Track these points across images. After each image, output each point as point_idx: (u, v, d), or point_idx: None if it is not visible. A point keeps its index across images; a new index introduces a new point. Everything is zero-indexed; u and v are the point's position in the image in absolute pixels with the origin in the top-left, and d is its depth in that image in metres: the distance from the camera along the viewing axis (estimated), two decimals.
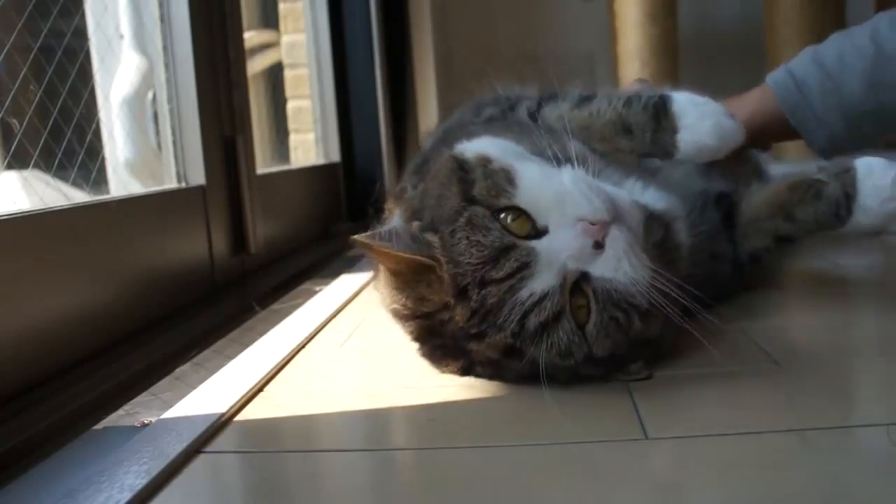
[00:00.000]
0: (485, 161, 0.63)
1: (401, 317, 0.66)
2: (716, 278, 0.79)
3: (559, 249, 0.58)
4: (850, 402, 0.57)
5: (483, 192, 0.61)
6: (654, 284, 0.59)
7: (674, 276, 0.67)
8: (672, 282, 0.59)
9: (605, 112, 0.76)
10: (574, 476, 0.49)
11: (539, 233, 0.60)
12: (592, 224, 0.58)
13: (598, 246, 0.58)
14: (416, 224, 0.64)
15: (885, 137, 0.96)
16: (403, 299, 0.64)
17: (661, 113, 0.75)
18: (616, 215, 0.59)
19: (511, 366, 0.61)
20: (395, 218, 0.67)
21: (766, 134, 0.91)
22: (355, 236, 0.63)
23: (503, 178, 0.61)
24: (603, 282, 0.59)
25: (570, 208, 0.59)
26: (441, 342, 0.64)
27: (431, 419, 0.59)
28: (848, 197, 0.78)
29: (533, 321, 0.58)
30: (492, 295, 0.58)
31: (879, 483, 0.45)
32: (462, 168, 0.63)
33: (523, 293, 0.58)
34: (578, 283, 0.59)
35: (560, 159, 0.63)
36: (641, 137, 0.74)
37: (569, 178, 0.60)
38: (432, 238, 0.61)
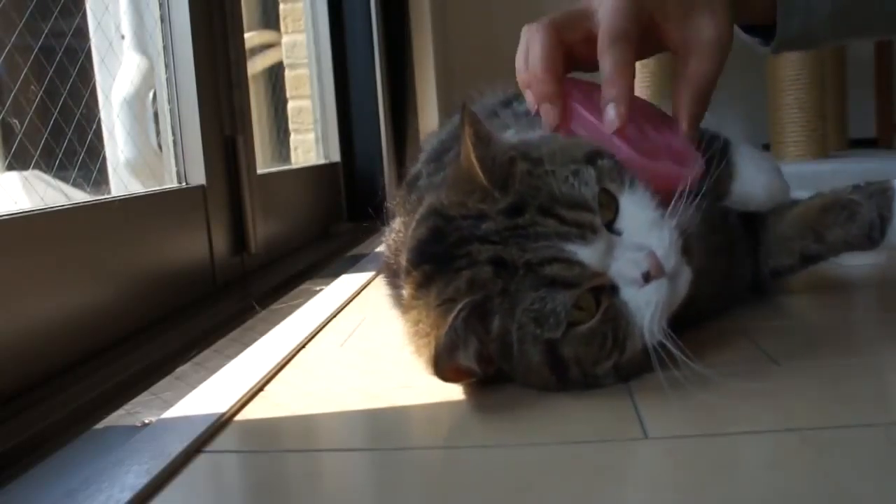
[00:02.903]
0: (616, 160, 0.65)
1: (431, 212, 0.64)
2: (730, 292, 0.79)
3: (618, 254, 0.59)
4: (849, 402, 0.57)
5: (606, 167, 0.62)
6: (655, 345, 0.60)
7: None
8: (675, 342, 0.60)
9: None
10: (573, 476, 0.49)
11: (612, 230, 0.61)
12: (656, 262, 0.59)
13: (645, 279, 0.59)
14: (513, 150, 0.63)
15: (848, 39, 0.87)
16: (446, 197, 0.63)
17: (722, 159, 0.74)
18: (674, 277, 0.60)
19: (489, 285, 0.59)
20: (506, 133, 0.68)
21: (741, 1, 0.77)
22: (467, 104, 0.62)
23: (628, 177, 0.62)
24: (621, 305, 0.59)
25: (651, 238, 0.60)
26: (433, 250, 0.62)
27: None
28: (883, 219, 0.76)
29: (549, 270, 0.58)
30: (546, 226, 0.59)
31: (879, 483, 0.45)
32: (597, 149, 0.64)
33: (569, 247, 0.58)
34: (602, 290, 0.59)
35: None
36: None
37: (668, 226, 0.61)
38: (521, 164, 0.61)
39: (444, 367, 0.59)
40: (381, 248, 0.76)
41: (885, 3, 0.77)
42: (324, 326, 0.88)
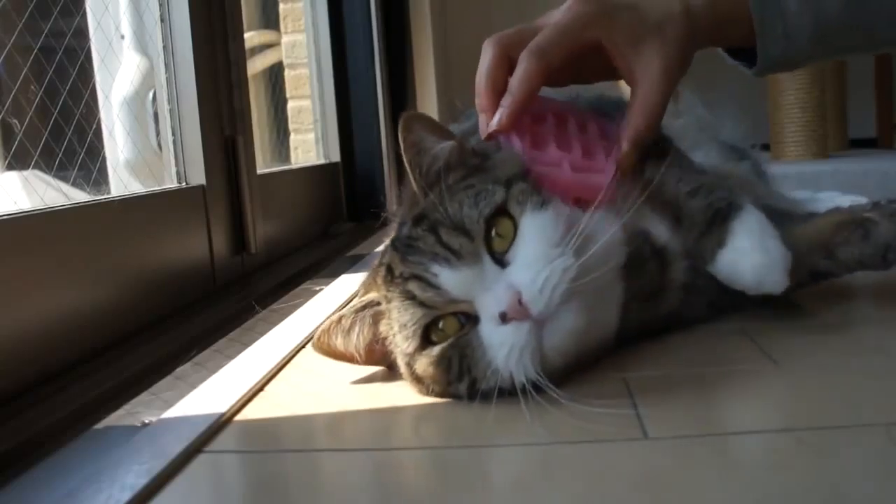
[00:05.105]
0: None
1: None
2: (725, 302, 0.76)
3: (486, 286, 0.57)
4: (849, 402, 0.57)
5: (516, 191, 0.60)
6: (518, 382, 0.57)
7: (656, 312, 0.69)
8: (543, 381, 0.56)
9: (670, 184, 0.69)
10: (573, 476, 0.49)
11: (501, 262, 0.58)
12: (519, 302, 0.56)
13: (503, 318, 0.56)
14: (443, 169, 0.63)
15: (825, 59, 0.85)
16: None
17: (717, 219, 0.68)
18: (545, 320, 0.56)
19: (381, 289, 0.64)
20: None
21: (715, 28, 0.76)
22: (403, 114, 0.64)
23: (536, 202, 0.60)
24: (475, 337, 0.58)
25: (526, 275, 0.57)
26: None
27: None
28: None
29: (410, 286, 0.59)
30: (426, 243, 0.59)
31: (879, 483, 0.45)
32: (525, 170, 0.64)
33: (434, 269, 0.58)
34: (464, 316, 0.59)
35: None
36: (686, 233, 0.68)
37: (562, 261, 0.57)
38: (454, 174, 0.63)
39: (317, 342, 0.66)
40: (382, 248, 0.77)
41: (864, 25, 0.76)
42: None
